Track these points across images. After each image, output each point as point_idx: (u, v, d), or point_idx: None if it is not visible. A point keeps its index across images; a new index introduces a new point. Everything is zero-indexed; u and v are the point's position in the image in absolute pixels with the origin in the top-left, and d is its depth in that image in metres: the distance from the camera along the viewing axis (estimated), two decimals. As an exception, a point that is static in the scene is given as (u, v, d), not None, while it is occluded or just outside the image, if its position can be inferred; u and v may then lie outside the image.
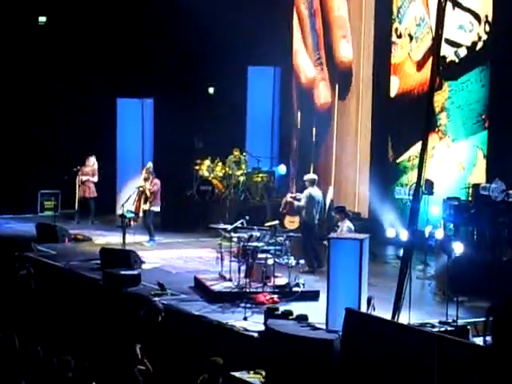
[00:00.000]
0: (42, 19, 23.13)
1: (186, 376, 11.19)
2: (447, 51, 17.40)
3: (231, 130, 22.99)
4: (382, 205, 18.17)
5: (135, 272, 14.77)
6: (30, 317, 14.11)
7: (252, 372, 10.66)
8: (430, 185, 15.31)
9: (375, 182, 18.90)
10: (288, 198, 16.65)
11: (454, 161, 17.44)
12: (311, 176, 16.41)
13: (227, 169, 22.09)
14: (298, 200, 16.10)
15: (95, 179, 21.03)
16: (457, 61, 17.53)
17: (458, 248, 13.63)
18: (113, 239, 18.25)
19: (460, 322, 10.97)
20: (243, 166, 22.21)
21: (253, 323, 11.83)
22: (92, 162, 21.09)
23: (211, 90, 24.84)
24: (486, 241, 14.67)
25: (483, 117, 16.99)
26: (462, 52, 17.43)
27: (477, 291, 12.78)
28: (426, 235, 15.08)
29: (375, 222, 18.00)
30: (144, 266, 15.70)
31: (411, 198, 12.03)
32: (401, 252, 13.46)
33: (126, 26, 22.96)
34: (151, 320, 11.78)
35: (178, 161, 22.36)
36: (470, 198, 15.78)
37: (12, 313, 14.01)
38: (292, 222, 19.59)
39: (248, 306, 12.43)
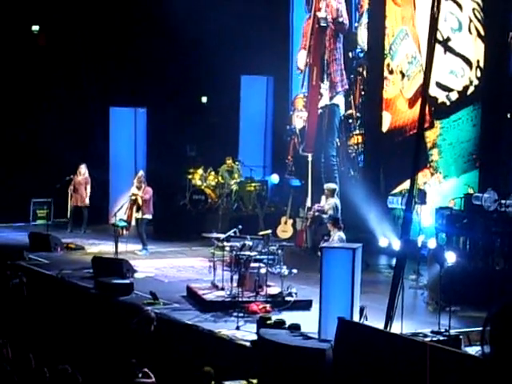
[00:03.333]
0: (35, 28, 23.14)
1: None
2: (438, 94, 17.48)
3: (224, 139, 23.02)
4: (375, 214, 18.15)
5: (127, 281, 14.74)
6: (23, 326, 14.05)
7: (244, 381, 10.62)
8: (422, 194, 15.32)
9: (368, 193, 18.87)
10: (315, 212, 16.38)
11: (445, 198, 17.40)
12: (332, 186, 16.42)
13: (220, 178, 22.07)
14: (322, 211, 16.10)
15: (89, 188, 21.04)
16: (448, 103, 17.59)
17: (451, 258, 13.60)
18: (105, 248, 18.25)
19: (452, 331, 10.96)
20: (236, 175, 22.19)
21: (245, 332, 11.82)
22: (83, 171, 21.10)
23: (204, 99, 24.86)
24: (478, 250, 14.67)
25: (474, 156, 17.02)
26: (454, 96, 17.49)
27: (469, 301, 12.79)
28: (419, 245, 15.06)
29: (368, 231, 17.98)
30: (136, 275, 15.67)
31: (404, 207, 12.03)
32: (393, 261, 13.46)
33: (119, 36, 22.98)
34: (143, 329, 11.75)
35: (170, 170, 22.35)
36: (462, 208, 15.79)
37: (4, 322, 13.95)
38: (285, 232, 19.61)
39: (240, 315, 12.39)
